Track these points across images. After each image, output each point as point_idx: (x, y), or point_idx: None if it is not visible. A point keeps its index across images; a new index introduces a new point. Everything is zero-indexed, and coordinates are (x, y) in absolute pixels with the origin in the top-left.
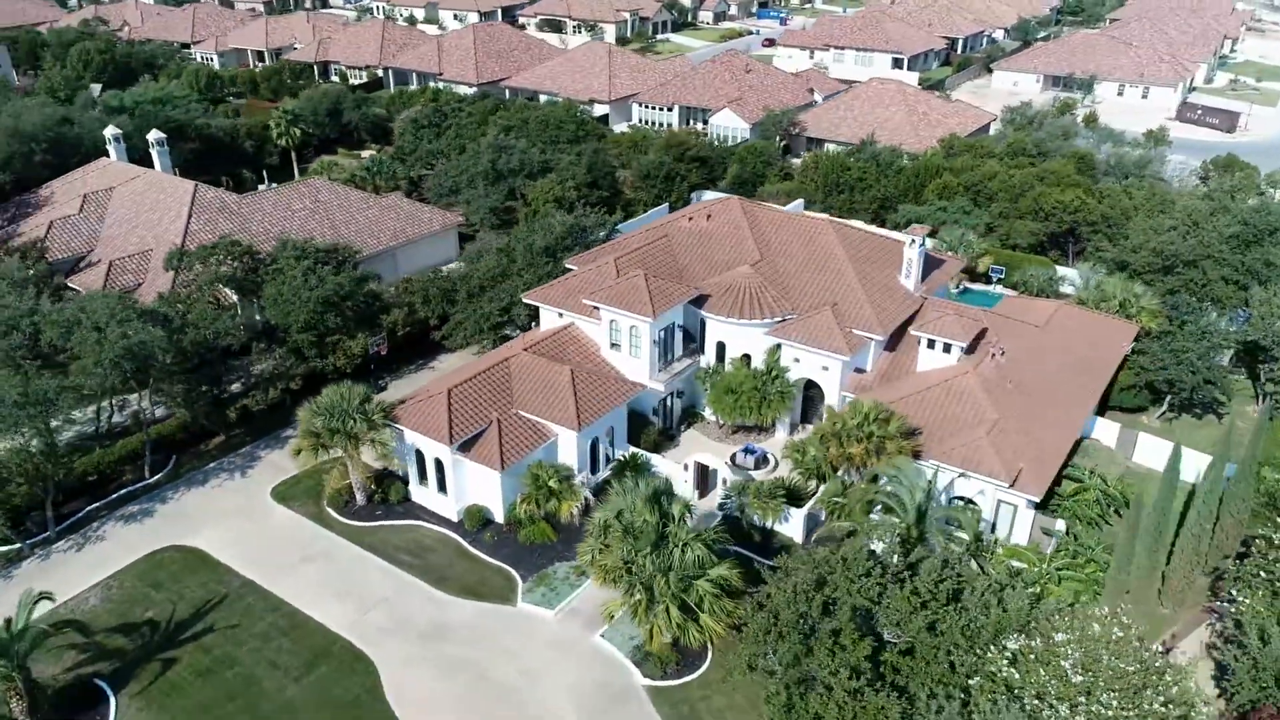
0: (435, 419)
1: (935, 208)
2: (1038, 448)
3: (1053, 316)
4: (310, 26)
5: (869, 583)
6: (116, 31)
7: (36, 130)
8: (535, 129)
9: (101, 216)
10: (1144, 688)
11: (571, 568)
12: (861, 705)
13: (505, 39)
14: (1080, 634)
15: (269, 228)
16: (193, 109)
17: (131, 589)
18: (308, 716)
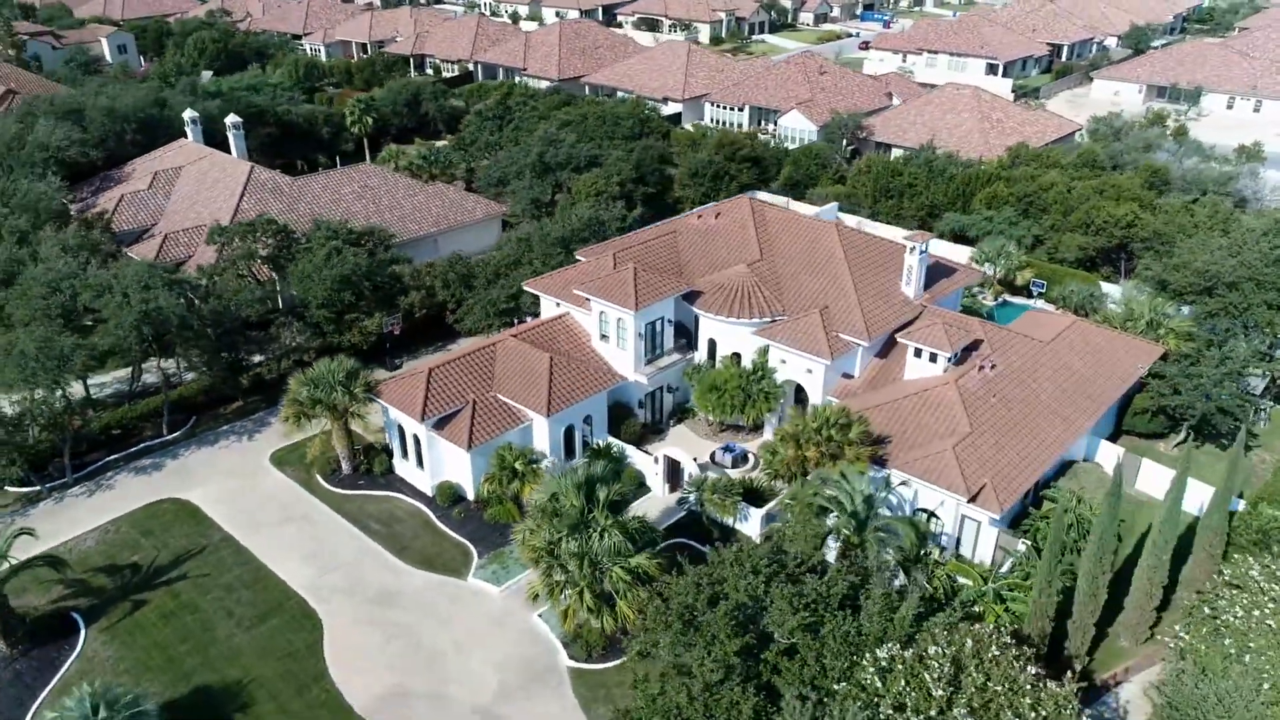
0: (412, 396)
1: (981, 217)
2: (1009, 465)
3: (1063, 333)
4: (412, 20)
5: (756, 580)
6: (237, 22)
7: (129, 111)
8: (593, 124)
9: (169, 193)
10: (1007, 707)
11: None
12: (716, 699)
13: (591, 36)
14: (957, 649)
15: (317, 209)
16: (277, 96)
17: (125, 534)
18: (248, 663)
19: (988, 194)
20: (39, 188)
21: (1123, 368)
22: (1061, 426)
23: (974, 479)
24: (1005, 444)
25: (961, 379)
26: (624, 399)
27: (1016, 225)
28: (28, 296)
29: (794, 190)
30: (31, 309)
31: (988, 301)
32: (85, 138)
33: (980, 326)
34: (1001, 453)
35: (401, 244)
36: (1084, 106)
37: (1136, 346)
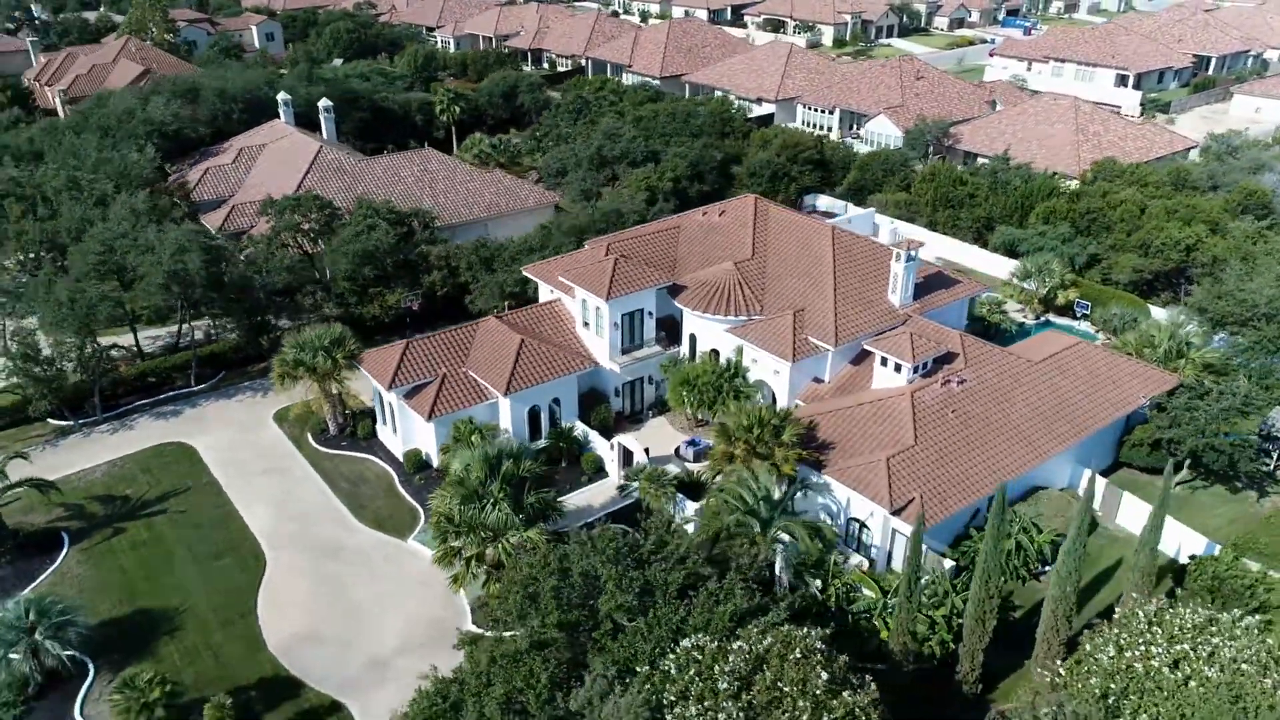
0: (386, 365)
1: (1035, 232)
2: (948, 482)
3: (1059, 354)
4: (537, 16)
5: (595, 560)
6: (380, 15)
7: (237, 93)
8: (663, 120)
9: (249, 168)
10: (794, 709)
11: None
12: (516, 666)
13: (700, 35)
14: (763, 649)
15: (376, 190)
16: (376, 83)
17: (127, 470)
18: (190, 594)
19: (1045, 209)
20: (132, 157)
21: (1122, 395)
22: (1024, 449)
23: (902, 492)
24: (950, 460)
25: (919, 391)
26: (600, 387)
27: (1069, 242)
28: (85, 253)
29: (856, 195)
30: (87, 264)
31: (1027, 320)
32: (195, 115)
33: (960, 341)
34: (943, 469)
35: (450, 227)
36: (1219, 123)
37: (1146, 375)
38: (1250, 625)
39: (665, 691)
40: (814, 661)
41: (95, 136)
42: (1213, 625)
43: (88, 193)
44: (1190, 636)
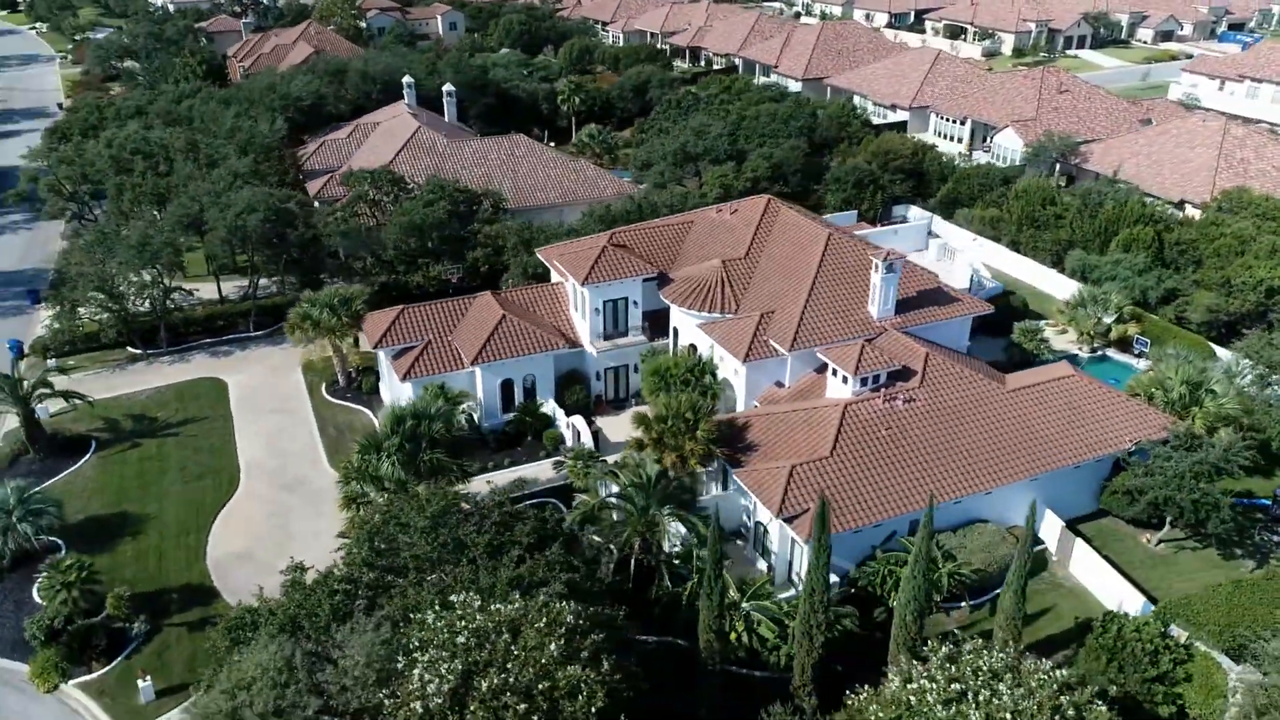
0: (379, 326)
1: (1108, 260)
2: (857, 498)
3: (1044, 385)
4: (705, 14)
5: (420, 518)
6: (561, 9)
7: (378, 74)
8: (764, 121)
9: (360, 143)
10: (518, 672)
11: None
12: (307, 596)
13: (853, 38)
14: (515, 612)
15: (461, 169)
16: (513, 72)
17: (167, 396)
18: (166, 505)
19: (1127, 236)
20: (260, 127)
21: (1103, 436)
22: (962, 477)
23: (799, 501)
24: (867, 477)
25: (856, 404)
26: (584, 370)
27: (1145, 274)
28: (177, 206)
29: (948, 208)
30: (173, 216)
31: (1080, 352)
32: (338, 93)
33: (926, 359)
34: (855, 484)
35: (525, 210)
36: None
37: (1144, 418)
38: (1057, 678)
39: (409, 641)
40: (558, 633)
41: (238, 107)
42: (1010, 673)
43: (203, 155)
44: (978, 678)
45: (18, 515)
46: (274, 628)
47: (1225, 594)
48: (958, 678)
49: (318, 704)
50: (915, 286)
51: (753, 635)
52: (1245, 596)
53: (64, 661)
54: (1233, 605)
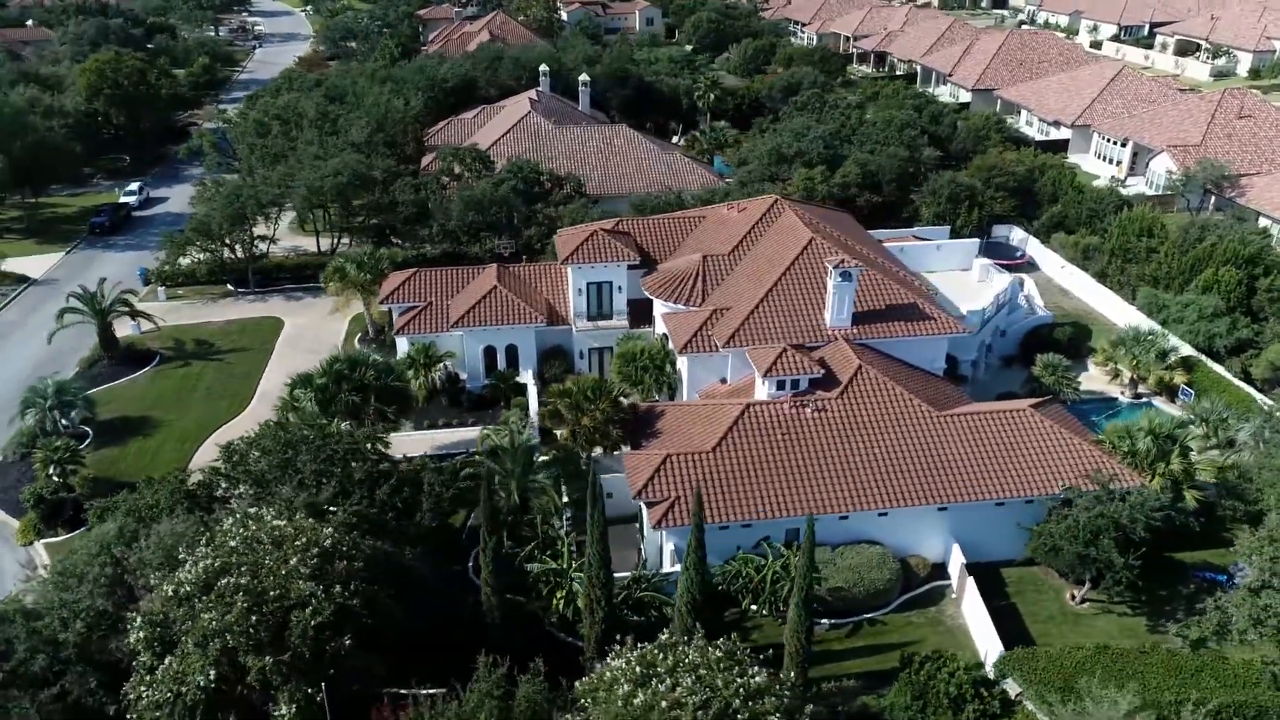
0: (392, 284)
1: (1178, 301)
2: (731, 495)
3: (989, 414)
4: (904, 18)
5: (272, 443)
6: (763, 8)
7: (531, 62)
8: (879, 127)
9: (482, 124)
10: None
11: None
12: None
13: (1041, 49)
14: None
15: (558, 153)
16: (660, 67)
17: (233, 328)
18: (184, 414)
19: (1210, 277)
20: (396, 103)
21: (1033, 478)
22: (849, 494)
23: (666, 488)
24: (745, 477)
25: (757, 405)
26: (568, 347)
27: (1214, 319)
28: (286, 165)
29: (1052, 231)
30: (277, 174)
31: (1122, 395)
32: (490, 78)
33: (858, 371)
34: (730, 482)
35: (608, 196)
36: None
37: (1091, 466)
38: (747, 685)
39: (203, 536)
40: (311, 552)
41: (392, 85)
42: (705, 670)
43: (330, 123)
44: (673, 669)
45: (51, 404)
46: (123, 514)
47: (1080, 656)
48: (652, 663)
49: (112, 573)
50: (885, 300)
51: (572, 605)
52: (1097, 661)
53: (40, 524)
54: (1078, 667)
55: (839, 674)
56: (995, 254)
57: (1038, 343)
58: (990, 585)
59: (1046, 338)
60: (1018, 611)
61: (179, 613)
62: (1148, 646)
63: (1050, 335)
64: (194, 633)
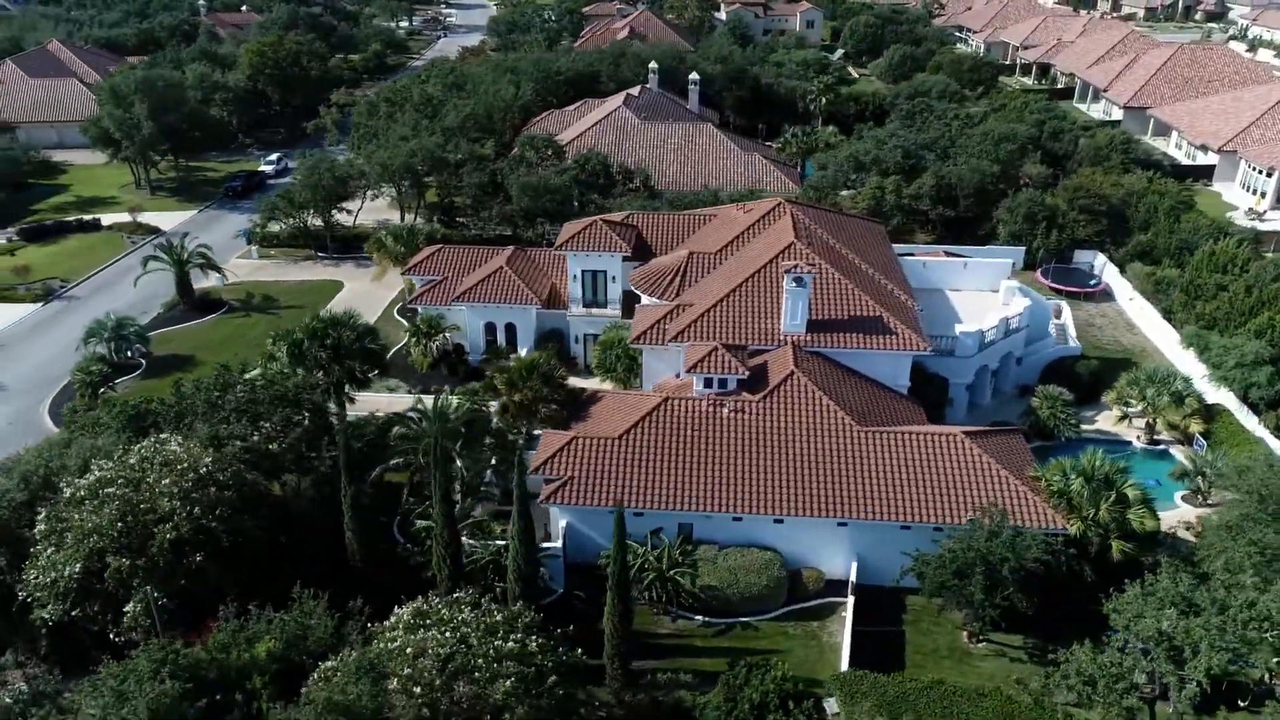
0: (416, 257)
1: (1222, 343)
2: (622, 483)
3: (914, 435)
4: (1081, 28)
5: (212, 385)
6: (937, 15)
7: (652, 58)
8: (976, 139)
9: (580, 116)
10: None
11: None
12: (110, 413)
13: (1213, 65)
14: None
15: (640, 149)
16: (784, 70)
17: (300, 287)
18: (227, 358)
19: (1265, 320)
20: (505, 93)
21: (940, 507)
22: (744, 497)
23: (563, 467)
24: (647, 466)
25: (676, 399)
26: (566, 331)
27: (1255, 369)
28: (376, 145)
29: (1136, 259)
30: (365, 152)
31: (1136, 441)
32: (613, 72)
33: (789, 377)
34: (631, 468)
35: (678, 192)
36: None
37: (1010, 496)
38: (506, 648)
39: (114, 457)
40: (187, 478)
41: (511, 76)
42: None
43: (431, 107)
44: (440, 621)
45: (109, 336)
46: (76, 427)
47: (909, 688)
48: (425, 614)
49: (44, 472)
50: (848, 310)
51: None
52: (924, 695)
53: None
54: (903, 699)
55: (687, 668)
56: (1066, 279)
57: (1059, 375)
58: (890, 610)
59: (1069, 371)
60: (904, 640)
61: (69, 512)
62: (989, 690)
63: (1073, 368)
64: (74, 530)
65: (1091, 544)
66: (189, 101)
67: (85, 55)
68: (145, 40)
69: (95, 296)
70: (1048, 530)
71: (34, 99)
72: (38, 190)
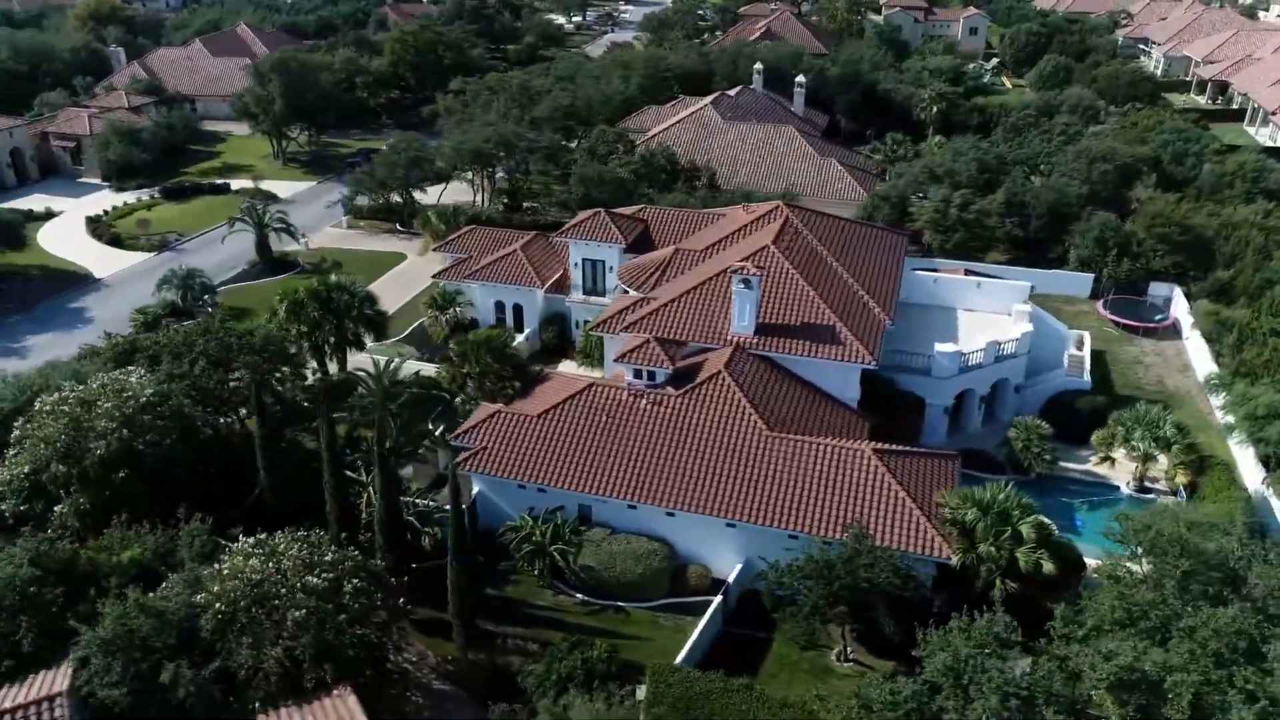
0: (450, 237)
1: (1242, 392)
2: (530, 462)
3: (805, 443)
4: (1277, 47)
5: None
6: (1124, 26)
7: (772, 60)
8: (1070, 157)
9: (677, 111)
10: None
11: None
12: (110, 350)
13: None
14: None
15: (721, 147)
16: (907, 77)
17: (369, 257)
18: None
19: None
20: (607, 87)
21: (835, 519)
22: (633, 483)
23: (483, 437)
24: (557, 445)
25: (600, 386)
26: (569, 316)
27: (1268, 422)
28: (464, 130)
29: (1213, 296)
30: (454, 138)
31: (1125, 487)
32: (731, 72)
33: (713, 377)
34: (541, 446)
35: (745, 191)
36: None
37: (901, 519)
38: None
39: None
40: (127, 404)
41: (625, 71)
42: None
43: (527, 97)
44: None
45: (177, 284)
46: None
47: (712, 687)
48: (261, 545)
49: (23, 389)
50: (802, 317)
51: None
52: (728, 697)
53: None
54: (704, 696)
55: (539, 639)
56: (1128, 312)
57: (1059, 409)
58: (771, 618)
59: (1069, 405)
60: (770, 648)
61: (36, 422)
62: (794, 700)
63: (1073, 404)
64: (31, 438)
65: (979, 577)
66: (320, 82)
67: (265, 38)
68: (324, 26)
69: (200, 251)
70: (936, 558)
71: (211, 75)
72: (195, 155)
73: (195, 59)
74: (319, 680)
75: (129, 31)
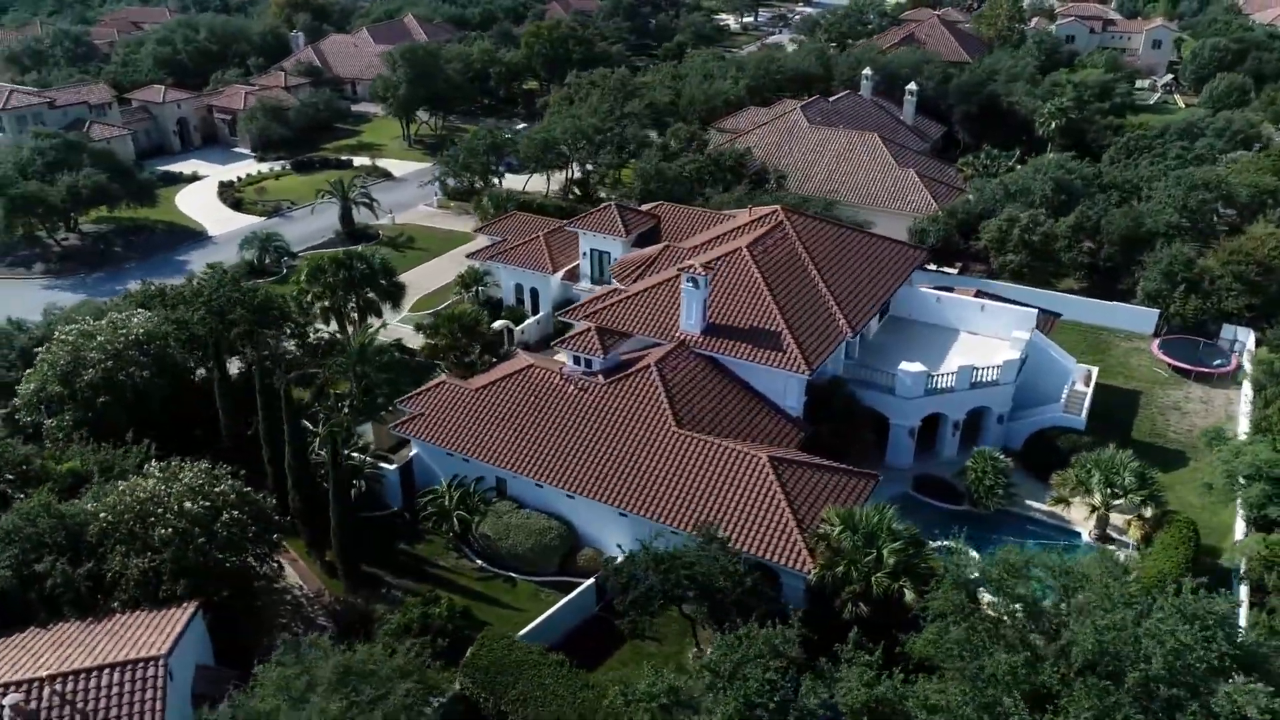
0: (490, 222)
1: (1232, 447)
2: (461, 432)
3: (711, 445)
4: None
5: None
6: None
7: (885, 66)
8: (1169, 185)
9: (774, 116)
10: None
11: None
12: (144, 295)
13: None
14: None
15: (802, 153)
16: (1015, 87)
17: (441, 235)
18: None
19: None
20: (716, 86)
21: (718, 520)
22: (536, 463)
23: (422, 404)
24: (483, 418)
25: (537, 369)
26: (577, 302)
27: (1250, 484)
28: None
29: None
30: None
31: (1086, 536)
32: (849, 77)
33: (640, 372)
34: (467, 417)
35: (817, 196)
36: None
37: (775, 528)
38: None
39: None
40: (115, 339)
41: (736, 72)
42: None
43: (625, 93)
44: (169, 480)
45: (257, 245)
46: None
47: (528, 657)
48: (175, 473)
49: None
50: (751, 322)
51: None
52: (538, 669)
53: None
54: (517, 666)
55: (423, 592)
56: (1183, 354)
57: (1040, 445)
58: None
59: (1050, 443)
60: (635, 633)
61: (51, 349)
62: (601, 682)
63: (1054, 442)
64: (40, 362)
65: (839, 595)
66: (447, 71)
67: (429, 28)
68: (487, 18)
69: (304, 218)
70: (797, 571)
71: (372, 61)
72: (338, 133)
73: (360, 45)
74: (173, 594)
75: (315, 18)
